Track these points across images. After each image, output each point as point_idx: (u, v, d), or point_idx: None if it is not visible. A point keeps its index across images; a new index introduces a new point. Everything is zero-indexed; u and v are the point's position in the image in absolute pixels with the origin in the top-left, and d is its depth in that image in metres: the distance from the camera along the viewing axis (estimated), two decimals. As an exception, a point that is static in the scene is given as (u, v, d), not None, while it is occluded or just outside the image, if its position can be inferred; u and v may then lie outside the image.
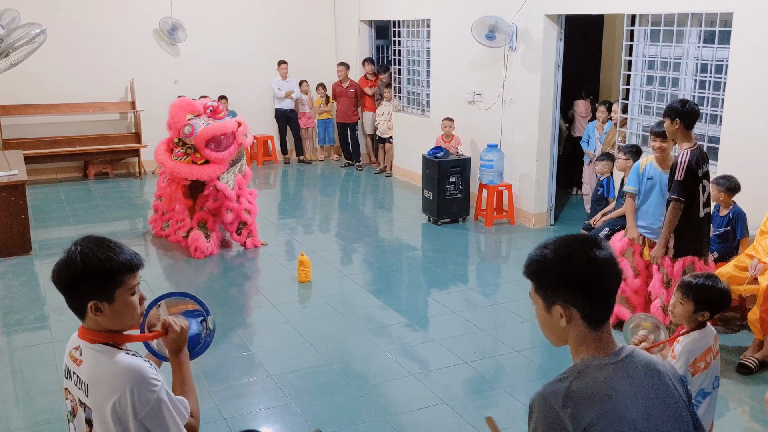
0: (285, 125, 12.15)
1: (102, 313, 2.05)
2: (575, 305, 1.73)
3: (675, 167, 4.77)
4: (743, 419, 4.43)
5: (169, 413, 2.04)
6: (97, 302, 2.04)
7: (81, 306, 2.06)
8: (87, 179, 11.06)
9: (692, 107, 4.77)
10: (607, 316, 1.76)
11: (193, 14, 11.35)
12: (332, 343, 5.43)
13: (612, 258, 1.74)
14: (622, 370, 1.72)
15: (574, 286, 1.72)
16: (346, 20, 12.25)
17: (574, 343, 1.78)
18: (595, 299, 1.73)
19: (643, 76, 7.03)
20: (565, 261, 1.72)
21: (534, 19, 7.94)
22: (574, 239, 1.78)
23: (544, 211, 8.49)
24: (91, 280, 2.02)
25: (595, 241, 1.75)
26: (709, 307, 3.19)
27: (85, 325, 2.11)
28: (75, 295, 2.06)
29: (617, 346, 1.76)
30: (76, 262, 2.02)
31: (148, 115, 11.14)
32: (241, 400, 4.57)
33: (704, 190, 4.88)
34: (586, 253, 1.72)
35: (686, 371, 3.13)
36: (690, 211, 4.82)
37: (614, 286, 1.76)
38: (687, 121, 4.75)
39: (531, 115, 8.17)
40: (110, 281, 2.03)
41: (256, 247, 7.65)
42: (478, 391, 4.70)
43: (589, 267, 1.71)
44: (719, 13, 6.08)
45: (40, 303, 6.12)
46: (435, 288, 6.66)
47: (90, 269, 2.01)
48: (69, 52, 10.73)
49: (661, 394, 1.75)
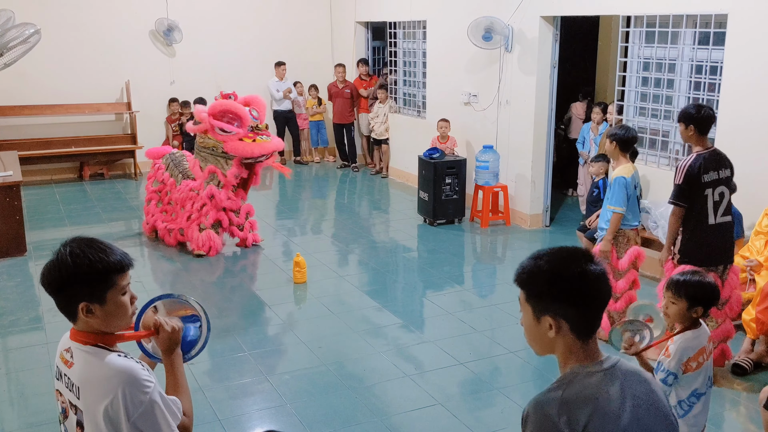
0: (284, 126, 12.14)
1: (93, 314, 2.04)
2: (565, 317, 1.76)
3: (676, 170, 4.65)
4: (738, 420, 4.45)
5: (161, 414, 2.03)
6: (88, 304, 2.02)
7: (71, 308, 2.04)
8: (82, 180, 11.04)
9: (708, 113, 4.59)
10: (594, 330, 1.79)
11: (188, 15, 11.34)
12: (328, 344, 5.42)
13: (604, 273, 1.77)
14: (610, 376, 1.76)
15: (567, 299, 1.74)
16: (342, 21, 12.25)
17: (561, 354, 1.81)
18: (586, 313, 1.76)
19: (638, 77, 7.05)
20: (559, 274, 1.75)
21: (529, 20, 7.96)
22: (568, 252, 1.80)
23: (539, 213, 8.50)
24: (82, 282, 2.00)
25: (588, 255, 1.79)
26: (702, 302, 3.21)
27: (77, 326, 2.10)
28: (65, 297, 2.04)
29: (603, 355, 1.81)
30: (66, 263, 2.00)
31: (144, 116, 11.13)
32: (236, 401, 4.56)
33: (722, 197, 4.61)
34: (580, 267, 1.74)
35: (678, 369, 3.14)
36: (696, 217, 4.60)
37: (604, 300, 1.79)
38: (702, 126, 4.59)
39: (526, 116, 8.18)
40: (101, 282, 2.02)
41: (256, 242, 7.70)
42: (474, 392, 4.71)
43: (582, 281, 1.73)
44: (714, 15, 6.09)
45: (34, 304, 6.11)
46: (430, 289, 6.66)
47: (81, 270, 1.99)
48: (64, 52, 10.72)
49: (649, 398, 1.79)
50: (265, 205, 9.49)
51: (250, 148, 7.04)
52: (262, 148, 7.10)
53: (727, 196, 4.68)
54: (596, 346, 1.80)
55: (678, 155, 6.69)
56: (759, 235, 5.52)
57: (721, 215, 4.64)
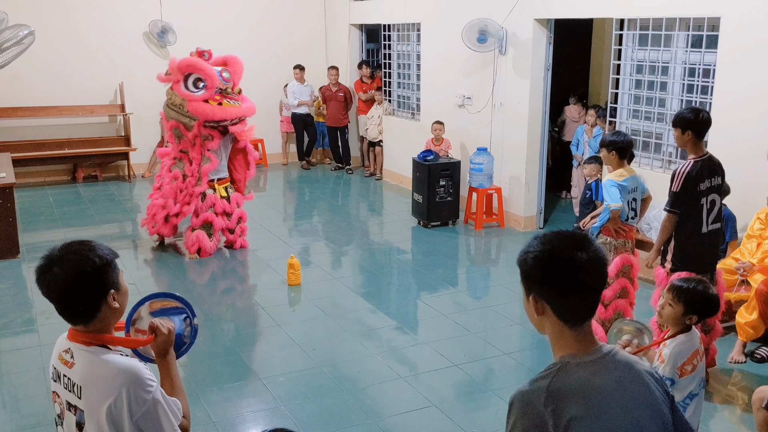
0: (302, 130, 12.03)
1: (116, 302, 2.11)
2: (547, 301, 1.76)
3: (672, 177, 4.54)
4: (730, 420, 4.46)
5: (164, 414, 2.05)
6: (114, 291, 2.10)
7: (97, 302, 2.08)
8: (76, 182, 11.01)
9: (705, 117, 4.47)
10: (583, 318, 1.77)
11: (182, 17, 11.32)
12: (322, 346, 5.42)
13: (594, 261, 1.72)
14: (602, 367, 1.74)
15: (546, 282, 1.74)
16: (337, 24, 12.26)
17: (552, 338, 1.81)
18: (568, 299, 1.74)
19: (631, 80, 7.08)
20: (543, 258, 1.74)
21: (523, 23, 7.98)
22: (565, 237, 1.77)
23: (533, 215, 8.52)
24: (106, 272, 2.08)
25: (581, 242, 1.75)
26: (698, 312, 3.21)
27: (86, 327, 2.11)
28: (93, 293, 2.07)
29: (597, 344, 1.78)
30: (87, 261, 2.05)
31: (138, 118, 11.10)
32: (230, 403, 4.56)
33: (713, 204, 4.56)
34: (568, 253, 1.72)
35: (674, 374, 3.14)
36: (691, 225, 4.53)
37: (591, 289, 1.75)
38: (700, 131, 4.48)
39: (520, 118, 8.20)
40: (115, 268, 2.13)
41: (243, 247, 7.66)
42: (468, 393, 4.71)
43: (564, 268, 1.72)
44: (707, 18, 6.12)
45: (27, 306, 6.09)
46: (425, 291, 6.67)
47: (104, 262, 2.08)
48: (58, 54, 10.68)
49: (641, 391, 1.77)
50: (258, 206, 9.48)
51: (212, 110, 6.89)
52: (225, 113, 6.93)
53: (718, 203, 4.63)
54: (590, 336, 1.78)
55: (672, 158, 6.72)
56: (751, 238, 5.55)
57: (711, 222, 4.61)
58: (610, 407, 1.70)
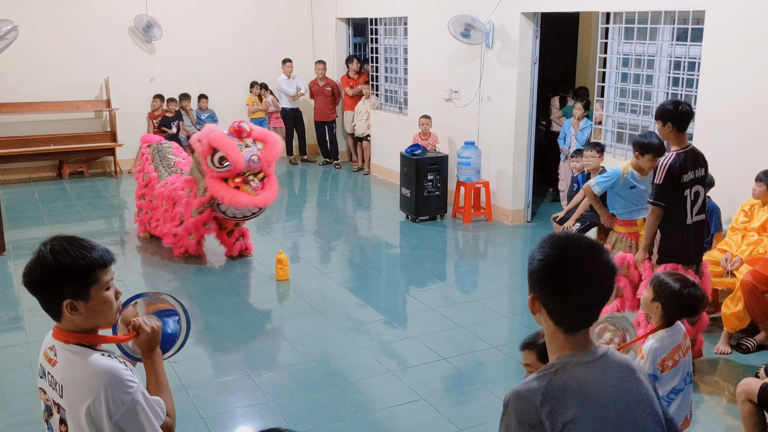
0: (293, 125, 11.97)
1: (78, 311, 2.03)
2: (542, 303, 1.77)
3: (656, 170, 4.56)
4: (716, 411, 4.50)
5: (144, 414, 2.03)
6: (72, 301, 2.02)
7: (56, 306, 2.03)
8: (62, 178, 10.93)
9: (685, 109, 4.50)
10: (577, 327, 1.76)
11: (168, 12, 11.25)
12: (311, 341, 5.42)
13: (598, 275, 1.72)
14: (599, 368, 1.74)
15: (544, 287, 1.74)
16: (323, 18, 12.22)
17: (547, 339, 1.80)
18: (562, 306, 1.74)
19: (617, 73, 7.11)
20: (546, 262, 1.73)
21: (510, 16, 7.99)
22: (572, 243, 1.76)
23: (521, 208, 8.55)
24: (66, 279, 2.00)
25: (593, 252, 1.73)
26: (677, 311, 3.22)
27: (60, 325, 2.09)
28: (49, 295, 2.03)
29: (593, 345, 1.79)
30: (48, 261, 1.99)
31: (124, 114, 11.03)
32: (219, 398, 4.56)
33: (697, 196, 4.59)
34: (573, 262, 1.71)
35: (654, 370, 3.15)
36: (676, 217, 4.56)
37: (592, 300, 1.74)
38: (680, 124, 4.51)
39: (508, 112, 8.22)
40: (84, 279, 2.01)
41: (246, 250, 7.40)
42: (456, 387, 4.73)
43: (560, 276, 1.71)
44: (692, 11, 6.16)
45: (14, 304, 6.05)
46: (413, 285, 6.68)
47: (63, 267, 1.99)
48: (42, 49, 10.58)
49: (636, 390, 1.78)
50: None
51: (226, 192, 6.47)
52: (237, 200, 6.46)
53: (702, 195, 4.66)
54: (586, 338, 1.78)
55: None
56: (736, 230, 5.59)
57: (696, 214, 4.63)
58: (607, 408, 1.70)
